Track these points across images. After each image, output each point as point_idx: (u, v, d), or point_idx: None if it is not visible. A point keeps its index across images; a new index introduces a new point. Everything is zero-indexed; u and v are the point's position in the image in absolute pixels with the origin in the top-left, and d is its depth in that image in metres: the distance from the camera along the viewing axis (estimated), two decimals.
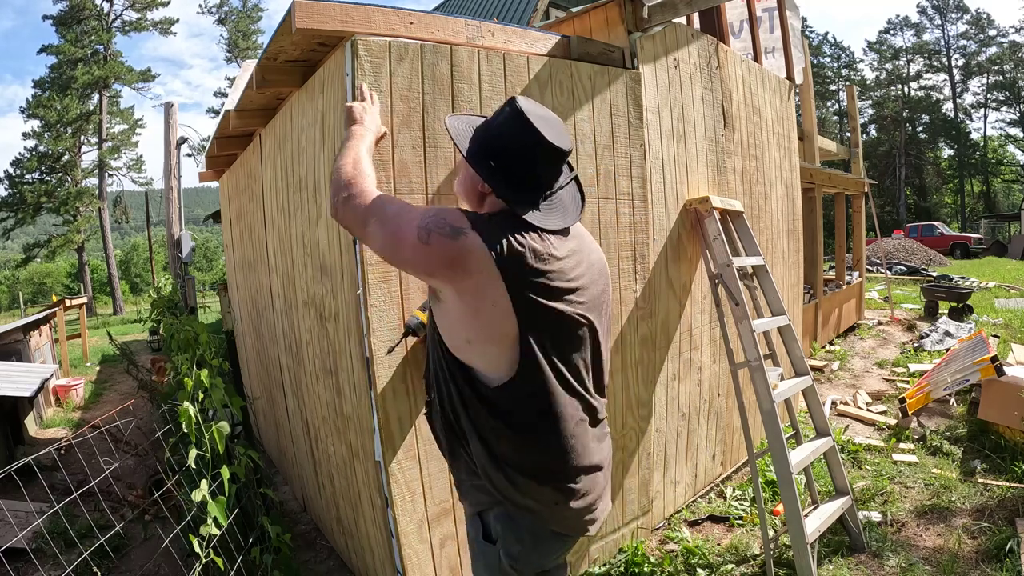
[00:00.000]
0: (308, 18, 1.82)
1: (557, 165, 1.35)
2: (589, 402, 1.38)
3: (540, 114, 1.31)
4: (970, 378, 4.18)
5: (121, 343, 10.01)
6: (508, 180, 1.30)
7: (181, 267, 5.86)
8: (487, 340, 1.27)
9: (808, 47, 8.33)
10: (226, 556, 2.27)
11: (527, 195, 1.31)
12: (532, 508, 1.35)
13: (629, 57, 2.75)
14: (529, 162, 1.30)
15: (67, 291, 32.66)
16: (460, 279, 1.23)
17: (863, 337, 7.53)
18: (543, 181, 1.33)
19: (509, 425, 1.30)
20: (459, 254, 1.22)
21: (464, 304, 1.25)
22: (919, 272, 14.96)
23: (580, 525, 1.41)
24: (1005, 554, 2.59)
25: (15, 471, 2.45)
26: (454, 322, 1.29)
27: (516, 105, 1.30)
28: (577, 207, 1.41)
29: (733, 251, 3.05)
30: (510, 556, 1.37)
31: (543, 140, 1.27)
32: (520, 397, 1.29)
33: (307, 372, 2.83)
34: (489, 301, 1.23)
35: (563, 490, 1.35)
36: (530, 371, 1.27)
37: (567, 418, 1.32)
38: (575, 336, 1.34)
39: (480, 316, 1.25)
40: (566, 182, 1.39)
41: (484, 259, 1.21)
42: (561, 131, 1.33)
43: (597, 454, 1.40)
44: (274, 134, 2.95)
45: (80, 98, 25.59)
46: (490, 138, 1.33)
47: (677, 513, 3.21)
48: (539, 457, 1.32)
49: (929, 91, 39.11)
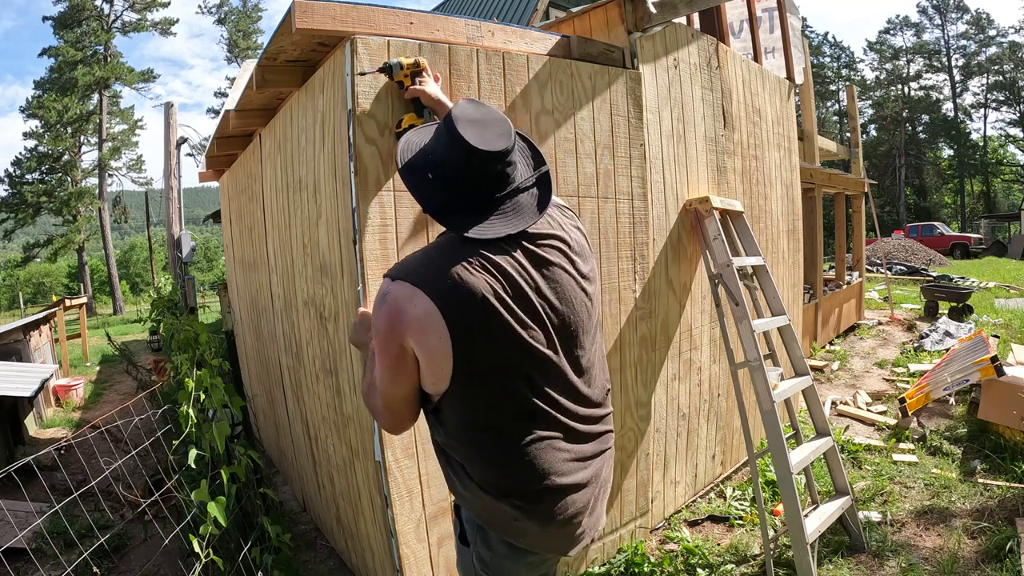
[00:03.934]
0: (308, 18, 1.82)
1: (491, 168, 1.22)
2: (558, 417, 1.27)
3: (474, 116, 1.23)
4: (970, 378, 4.18)
5: (121, 343, 10.02)
6: (441, 192, 1.24)
7: (181, 267, 5.86)
8: (440, 377, 1.21)
9: (808, 47, 8.33)
10: (226, 556, 2.27)
11: (468, 205, 1.23)
12: (492, 521, 1.30)
13: (629, 57, 2.75)
14: (460, 171, 1.22)
15: (67, 291, 32.70)
16: (407, 330, 1.18)
17: (863, 337, 7.53)
18: (482, 188, 1.23)
19: (456, 441, 1.26)
20: (392, 309, 1.18)
21: (425, 353, 1.20)
22: (919, 272, 14.96)
23: (554, 546, 1.34)
24: (1005, 554, 2.59)
25: (15, 471, 2.45)
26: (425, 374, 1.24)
27: (451, 111, 1.23)
28: (533, 211, 1.28)
29: (733, 251, 3.05)
30: (482, 561, 1.36)
31: (468, 146, 1.19)
32: (456, 415, 1.24)
33: (307, 372, 2.83)
34: (431, 334, 1.17)
35: (523, 509, 1.26)
36: (462, 390, 1.21)
37: (520, 436, 1.24)
38: (528, 351, 1.23)
39: (434, 353, 1.19)
40: (526, 184, 1.29)
41: (411, 294, 1.17)
42: (498, 131, 1.22)
43: (578, 472, 1.30)
44: (274, 134, 2.95)
45: (80, 98, 25.61)
46: (428, 150, 1.28)
47: (677, 513, 3.21)
48: (491, 474, 1.25)
49: (929, 91, 39.14)
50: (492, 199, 1.24)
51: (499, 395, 1.23)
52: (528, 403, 1.24)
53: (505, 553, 1.33)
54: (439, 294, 1.16)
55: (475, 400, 1.23)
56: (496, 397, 1.23)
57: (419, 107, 1.91)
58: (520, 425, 1.24)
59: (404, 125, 1.92)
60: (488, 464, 1.26)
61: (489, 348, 1.20)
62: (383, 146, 1.93)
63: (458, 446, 1.28)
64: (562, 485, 1.27)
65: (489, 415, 1.24)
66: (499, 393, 1.23)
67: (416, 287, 1.17)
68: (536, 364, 1.24)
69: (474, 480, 1.26)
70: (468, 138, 1.19)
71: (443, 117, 1.28)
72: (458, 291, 1.16)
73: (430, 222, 2.06)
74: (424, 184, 1.26)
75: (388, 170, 1.96)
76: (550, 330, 1.26)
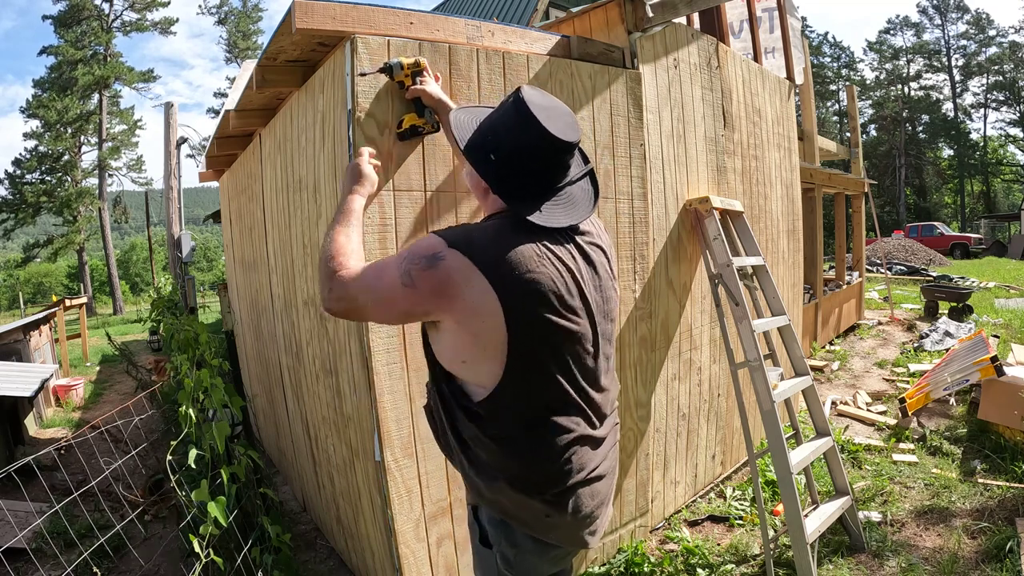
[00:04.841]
0: (308, 18, 1.82)
1: (561, 158, 1.25)
2: (589, 412, 1.30)
3: (544, 104, 1.23)
4: (970, 378, 4.18)
5: (121, 343, 10.01)
6: (508, 175, 1.23)
7: (181, 267, 5.86)
8: (482, 359, 1.20)
9: (808, 47, 8.34)
10: (226, 556, 2.27)
11: (528, 191, 1.24)
12: (522, 519, 1.31)
13: (629, 57, 2.75)
14: (529, 156, 1.22)
15: (67, 291, 32.69)
16: (453, 304, 1.17)
17: (863, 337, 7.53)
18: (547, 176, 1.25)
19: (494, 439, 1.24)
20: (443, 279, 1.16)
21: (463, 329, 1.19)
22: (919, 272, 14.96)
23: (578, 539, 1.35)
24: (1005, 554, 2.59)
25: (15, 471, 2.45)
26: (450, 346, 1.24)
27: (519, 94, 1.22)
28: (589, 202, 1.32)
29: (733, 251, 3.05)
30: (506, 561, 1.35)
31: (544, 131, 1.19)
32: (505, 410, 1.23)
33: (307, 372, 2.83)
34: (481, 319, 1.16)
35: (555, 504, 1.28)
36: (514, 385, 1.21)
37: (560, 431, 1.25)
38: (575, 347, 1.26)
39: (480, 338, 1.18)
40: (578, 176, 1.31)
41: (468, 273, 1.15)
42: (567, 122, 1.24)
43: (599, 464, 1.33)
44: (274, 134, 2.95)
45: (80, 98, 25.60)
46: (490, 130, 1.27)
47: (677, 513, 3.21)
48: (527, 471, 1.26)
49: (929, 91, 39.13)
50: (552, 187, 1.26)
51: (546, 388, 1.24)
52: (569, 397, 1.27)
53: (531, 548, 1.34)
54: (502, 282, 1.15)
55: (526, 393, 1.23)
56: (544, 391, 1.24)
57: (420, 107, 1.91)
58: (561, 420, 1.26)
59: (405, 125, 1.92)
60: (526, 460, 1.26)
61: (544, 342, 1.21)
62: (383, 146, 1.93)
63: (495, 447, 1.25)
64: (590, 478, 1.31)
65: (536, 409, 1.25)
66: (546, 387, 1.24)
67: (476, 267, 1.15)
68: (578, 359, 1.27)
69: (503, 477, 1.26)
70: (545, 124, 1.19)
71: (507, 99, 1.26)
72: (525, 283, 1.16)
73: (430, 222, 2.06)
74: (487, 164, 1.25)
75: (388, 170, 1.96)
76: (594, 325, 1.30)
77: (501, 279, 1.15)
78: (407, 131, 1.92)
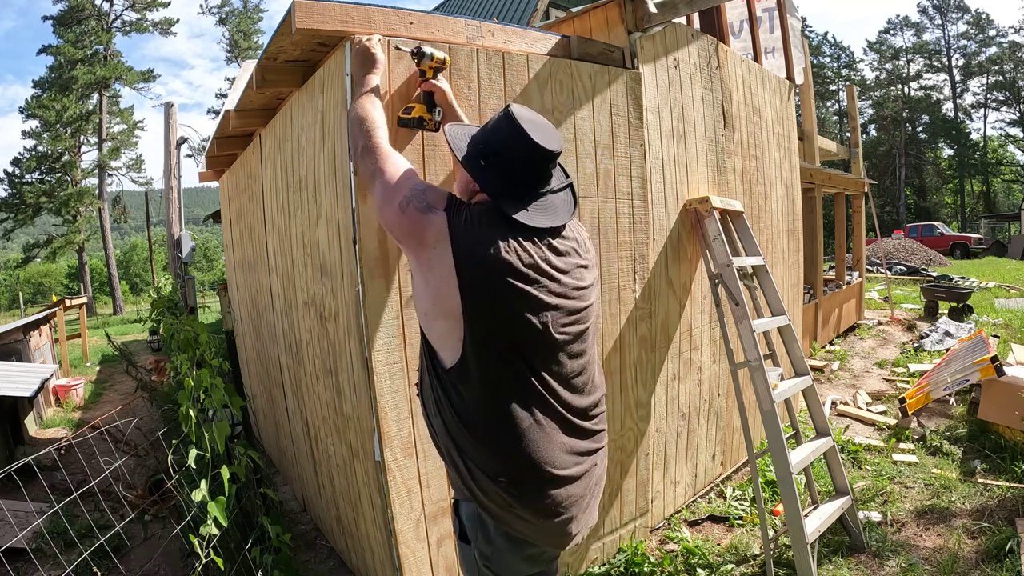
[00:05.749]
0: (308, 18, 1.82)
1: (545, 166, 1.41)
2: (559, 409, 1.36)
3: (530, 119, 1.40)
4: (970, 378, 4.18)
5: (121, 343, 10.01)
6: (496, 177, 1.37)
7: (181, 267, 5.86)
8: (438, 315, 1.33)
9: (808, 47, 8.33)
10: (226, 556, 2.27)
11: (515, 192, 1.38)
12: (487, 507, 1.35)
13: (629, 57, 2.75)
14: (516, 162, 1.38)
15: (67, 291, 32.70)
16: (417, 249, 1.35)
17: (863, 337, 7.53)
18: (531, 181, 1.40)
19: (457, 412, 1.34)
20: (421, 227, 1.34)
21: (420, 274, 1.36)
22: (919, 272, 14.96)
23: (552, 539, 1.39)
24: (1005, 554, 2.59)
25: (15, 471, 2.45)
26: (417, 293, 1.40)
27: (508, 110, 1.40)
28: (568, 210, 1.47)
29: (733, 251, 3.05)
30: (483, 557, 1.40)
31: (530, 141, 1.36)
32: (467, 385, 1.32)
33: (307, 372, 2.83)
34: (438, 275, 1.31)
35: (518, 497, 1.33)
36: (477, 363, 1.30)
37: (518, 421, 1.31)
38: (538, 342, 1.33)
39: (430, 286, 1.33)
40: (559, 188, 1.46)
41: (442, 236, 1.31)
42: (550, 134, 1.40)
43: (574, 466, 1.38)
44: (274, 134, 2.95)
45: (80, 98, 25.59)
46: (482, 140, 1.42)
47: (677, 513, 3.21)
48: (485, 451, 1.33)
49: (929, 91, 39.13)
50: (535, 192, 1.41)
51: (504, 374, 1.32)
52: (532, 390, 1.33)
53: (504, 546, 1.38)
54: (466, 257, 1.30)
55: (486, 376, 1.31)
56: (502, 376, 1.32)
57: (430, 102, 1.90)
58: (519, 410, 1.32)
59: (414, 114, 1.88)
60: (489, 448, 1.33)
61: (501, 326, 1.31)
62: None
63: (458, 422, 1.34)
64: (557, 476, 1.35)
65: (496, 393, 1.32)
66: (504, 372, 1.32)
67: (449, 239, 1.31)
68: (539, 353, 1.34)
69: (470, 457, 1.34)
70: (532, 135, 1.36)
71: (498, 115, 1.43)
72: (485, 263, 1.30)
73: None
74: (480, 170, 1.40)
75: None
76: (563, 325, 1.36)
77: (465, 254, 1.30)
78: (414, 120, 1.89)
